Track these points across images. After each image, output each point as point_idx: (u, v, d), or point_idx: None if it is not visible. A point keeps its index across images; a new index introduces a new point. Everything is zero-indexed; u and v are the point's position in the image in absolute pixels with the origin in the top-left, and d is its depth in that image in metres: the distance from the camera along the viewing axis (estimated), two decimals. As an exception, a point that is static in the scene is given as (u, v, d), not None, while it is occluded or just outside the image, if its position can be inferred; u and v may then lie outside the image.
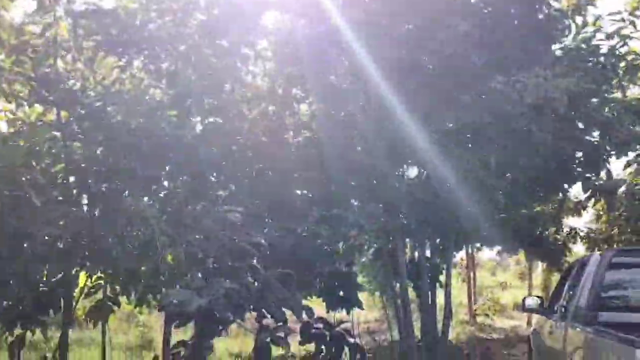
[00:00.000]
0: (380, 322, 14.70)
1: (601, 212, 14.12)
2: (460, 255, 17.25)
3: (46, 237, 4.65)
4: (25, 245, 4.64)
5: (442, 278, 9.77)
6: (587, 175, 7.72)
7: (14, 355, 5.06)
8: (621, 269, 4.24)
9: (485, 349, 11.28)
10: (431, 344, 8.89)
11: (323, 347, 7.52)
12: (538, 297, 5.81)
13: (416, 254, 11.21)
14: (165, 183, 5.56)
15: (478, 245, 16.55)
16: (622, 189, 6.85)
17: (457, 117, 7.00)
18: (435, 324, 9.73)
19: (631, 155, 7.92)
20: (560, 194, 10.89)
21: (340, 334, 7.68)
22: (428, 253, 9.97)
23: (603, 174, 7.39)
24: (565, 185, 8.16)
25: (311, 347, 7.25)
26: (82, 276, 5.38)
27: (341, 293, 8.08)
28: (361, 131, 6.62)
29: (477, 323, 14.77)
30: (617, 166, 7.87)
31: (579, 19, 7.30)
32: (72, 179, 5.04)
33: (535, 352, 5.95)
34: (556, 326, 4.62)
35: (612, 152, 6.93)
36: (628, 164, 6.92)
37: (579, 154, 7.45)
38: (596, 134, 7.22)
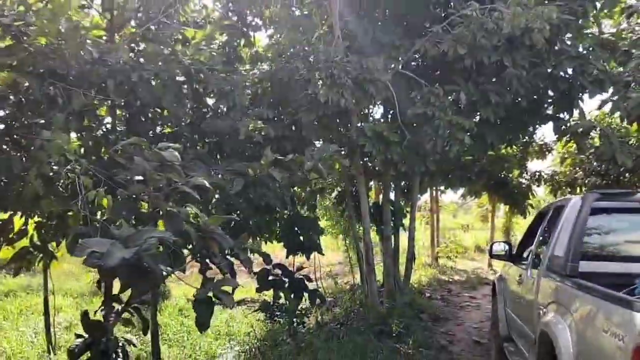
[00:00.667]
0: (344, 264, 14.62)
1: (566, 155, 14.07)
2: (424, 198, 17.16)
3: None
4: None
5: (406, 222, 9.48)
6: (559, 115, 7.35)
7: None
8: (603, 214, 3.90)
9: (446, 292, 11.26)
10: (393, 288, 8.69)
11: (282, 293, 7.22)
12: (506, 242, 5.49)
13: (380, 197, 10.91)
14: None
15: (442, 188, 16.45)
16: (597, 129, 6.50)
17: (427, 49, 6.42)
18: (398, 268, 9.53)
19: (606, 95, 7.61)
20: (527, 137, 10.64)
21: (300, 280, 7.35)
22: (392, 196, 9.64)
23: (576, 113, 7.02)
24: (537, 126, 7.80)
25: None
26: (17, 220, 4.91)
27: (301, 238, 7.70)
28: (324, 65, 5.99)
29: (439, 265, 14.82)
30: (589, 106, 7.52)
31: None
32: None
33: (500, 299, 5.70)
34: (527, 275, 4.30)
35: (587, 90, 6.52)
36: (603, 103, 6.54)
37: (552, 93, 7.03)
38: (570, 71, 6.76)
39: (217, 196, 5.27)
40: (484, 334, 7.58)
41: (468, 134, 6.34)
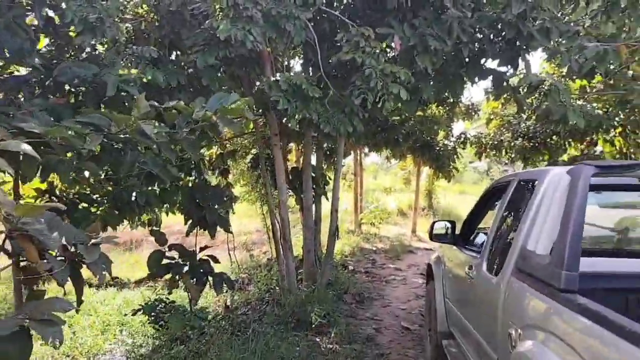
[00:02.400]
0: (262, 232, 13.43)
1: (491, 117, 13.56)
2: (347, 161, 16.23)
3: None
4: None
5: (329, 189, 8.40)
6: (501, 69, 6.44)
7: None
8: (603, 193, 2.96)
9: (370, 264, 10.43)
10: (314, 265, 7.65)
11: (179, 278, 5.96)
12: (450, 221, 4.49)
13: (301, 161, 9.74)
14: None
15: (366, 150, 15.57)
16: (546, 85, 5.64)
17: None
18: (319, 242, 8.50)
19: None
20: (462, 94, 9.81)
21: (203, 262, 6.11)
22: (314, 160, 8.50)
23: (522, 66, 6.13)
24: (476, 80, 6.85)
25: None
26: None
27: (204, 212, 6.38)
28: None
29: (362, 232, 14.03)
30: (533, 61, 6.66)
31: None
32: None
33: (438, 286, 4.75)
34: (482, 271, 3.29)
35: (536, 39, 5.60)
36: (553, 53, 5.67)
37: (495, 43, 6.07)
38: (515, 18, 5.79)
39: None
40: (413, 317, 6.74)
41: (403, 87, 5.23)
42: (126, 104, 4.57)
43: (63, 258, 2.64)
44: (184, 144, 3.16)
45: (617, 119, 6.56)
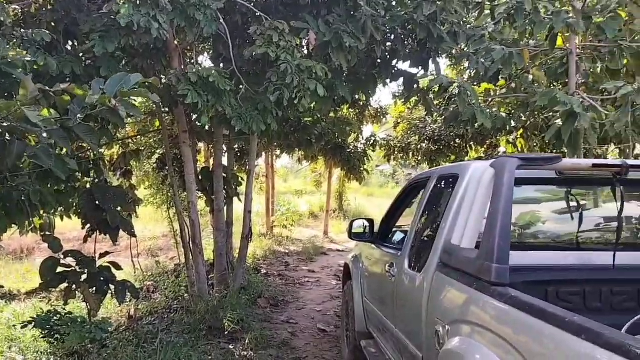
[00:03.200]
0: (169, 237, 12.79)
1: (399, 120, 13.94)
2: (258, 163, 15.96)
3: None
4: None
5: (241, 190, 8.11)
6: (411, 71, 6.55)
7: None
8: (524, 186, 2.97)
9: (284, 267, 10.26)
10: (226, 269, 7.33)
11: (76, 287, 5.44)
12: (368, 219, 4.42)
13: (211, 161, 9.36)
14: None
15: (278, 152, 15.40)
16: (455, 87, 5.79)
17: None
18: (232, 245, 8.19)
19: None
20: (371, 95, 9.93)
21: (104, 270, 5.60)
22: (225, 160, 8.18)
23: (433, 68, 6.25)
24: (387, 81, 6.91)
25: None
26: None
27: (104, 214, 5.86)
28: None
29: (274, 236, 13.82)
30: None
31: None
32: None
33: (356, 286, 4.66)
34: (402, 267, 3.23)
35: (446, 40, 5.73)
36: (461, 57, 5.84)
37: (408, 43, 6.15)
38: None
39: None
40: (329, 319, 6.64)
41: (320, 83, 5.11)
42: (13, 93, 4.05)
43: None
44: (79, 131, 2.79)
45: (519, 120, 6.89)
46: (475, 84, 6.91)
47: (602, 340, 1.42)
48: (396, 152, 14.08)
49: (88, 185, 6.08)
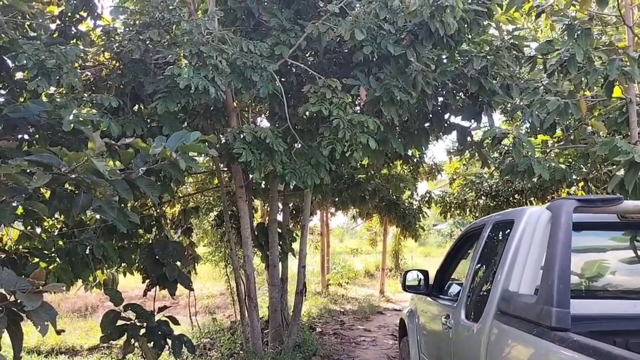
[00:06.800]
0: (226, 295, 12.90)
1: (454, 176, 13.75)
2: (313, 222, 16.06)
3: None
4: None
5: (296, 246, 8.15)
6: (464, 125, 6.54)
7: None
8: (583, 230, 2.86)
9: (339, 325, 10.06)
10: (280, 326, 7.27)
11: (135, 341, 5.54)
12: (422, 271, 4.33)
13: (266, 218, 9.53)
14: None
15: (332, 210, 15.48)
16: (511, 138, 5.71)
17: (320, 34, 5.23)
18: (286, 301, 8.15)
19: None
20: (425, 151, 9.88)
21: (162, 323, 5.70)
22: (280, 217, 8.30)
23: (486, 121, 6.21)
24: (440, 135, 6.93)
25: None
26: None
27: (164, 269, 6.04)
28: (189, 39, 4.54)
29: (329, 294, 13.64)
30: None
31: None
32: None
33: (412, 342, 4.51)
34: (459, 318, 3.12)
35: (498, 93, 5.72)
36: (515, 109, 5.80)
37: (461, 97, 6.19)
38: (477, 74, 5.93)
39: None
40: (386, 378, 6.41)
41: (372, 137, 5.20)
42: (81, 149, 4.36)
43: (0, 308, 2.35)
44: (141, 183, 2.94)
45: (579, 172, 6.67)
46: (531, 136, 6.80)
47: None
48: (452, 209, 13.82)
49: (150, 242, 6.32)
